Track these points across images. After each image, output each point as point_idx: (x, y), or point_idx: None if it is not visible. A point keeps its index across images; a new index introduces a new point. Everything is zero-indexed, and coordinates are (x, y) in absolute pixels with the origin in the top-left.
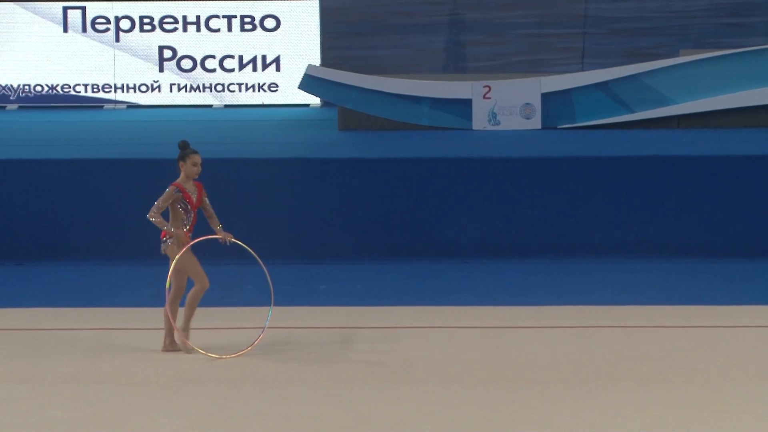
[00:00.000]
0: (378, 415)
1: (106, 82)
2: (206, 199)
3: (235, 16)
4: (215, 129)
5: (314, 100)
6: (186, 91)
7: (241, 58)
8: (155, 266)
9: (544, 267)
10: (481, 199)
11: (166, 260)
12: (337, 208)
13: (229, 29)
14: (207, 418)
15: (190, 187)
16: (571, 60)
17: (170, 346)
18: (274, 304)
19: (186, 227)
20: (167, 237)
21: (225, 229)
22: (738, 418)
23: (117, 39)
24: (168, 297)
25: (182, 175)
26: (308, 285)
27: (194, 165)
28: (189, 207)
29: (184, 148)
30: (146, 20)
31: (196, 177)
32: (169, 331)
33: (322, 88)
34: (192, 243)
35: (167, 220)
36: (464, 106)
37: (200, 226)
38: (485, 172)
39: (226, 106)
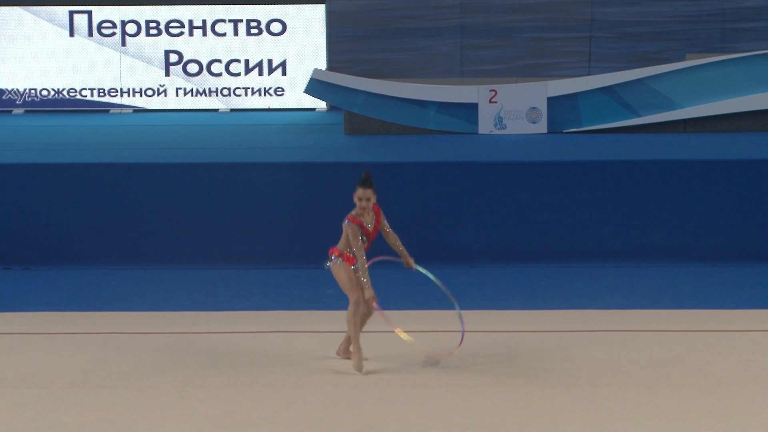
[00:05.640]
0: (386, 419)
1: (112, 87)
2: (385, 222)
3: (241, 21)
4: (221, 133)
5: (320, 105)
6: (192, 95)
7: (247, 62)
8: (161, 270)
9: (550, 271)
10: (487, 204)
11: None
12: (344, 212)
13: (236, 33)
14: (214, 423)
15: (367, 217)
16: (578, 64)
17: (343, 353)
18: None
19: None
20: (336, 255)
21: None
22: (746, 423)
23: (123, 43)
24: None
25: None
26: (315, 289)
27: (359, 200)
28: (365, 237)
29: (359, 180)
30: (152, 24)
31: (365, 211)
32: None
33: (329, 93)
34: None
35: (341, 246)
36: (470, 110)
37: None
38: (491, 177)
39: (232, 110)
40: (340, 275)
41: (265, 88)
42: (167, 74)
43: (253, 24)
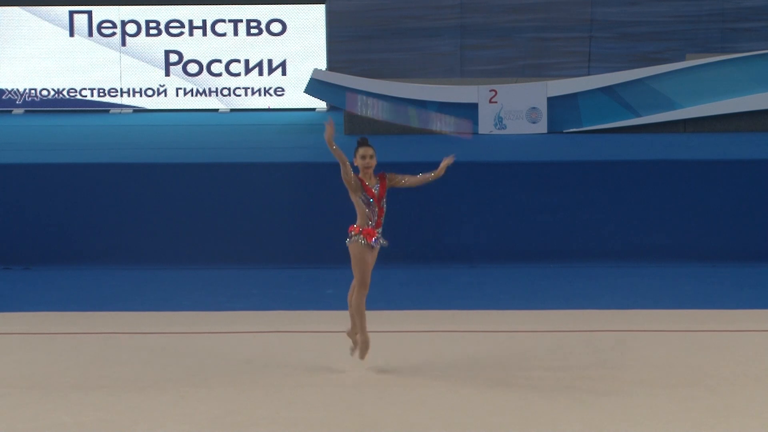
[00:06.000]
0: (386, 419)
1: (112, 87)
2: (396, 176)
3: (241, 21)
4: (221, 133)
5: (320, 105)
6: (192, 95)
7: (247, 62)
8: (161, 270)
9: (550, 271)
10: (487, 204)
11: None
12: (344, 212)
13: (236, 33)
14: (214, 423)
15: (371, 181)
16: (578, 64)
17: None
18: None
19: (372, 223)
20: (357, 233)
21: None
22: (746, 423)
23: (123, 43)
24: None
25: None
26: (315, 289)
27: (362, 158)
28: (371, 201)
29: (359, 142)
30: (152, 24)
31: (369, 171)
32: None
33: (329, 93)
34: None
35: (360, 221)
36: (470, 110)
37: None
38: (491, 177)
39: (232, 110)
40: (356, 255)
41: (265, 88)
42: (167, 74)
43: (253, 24)
